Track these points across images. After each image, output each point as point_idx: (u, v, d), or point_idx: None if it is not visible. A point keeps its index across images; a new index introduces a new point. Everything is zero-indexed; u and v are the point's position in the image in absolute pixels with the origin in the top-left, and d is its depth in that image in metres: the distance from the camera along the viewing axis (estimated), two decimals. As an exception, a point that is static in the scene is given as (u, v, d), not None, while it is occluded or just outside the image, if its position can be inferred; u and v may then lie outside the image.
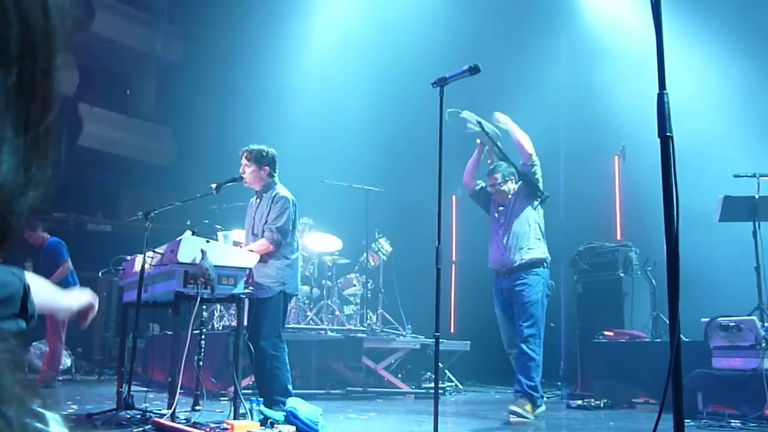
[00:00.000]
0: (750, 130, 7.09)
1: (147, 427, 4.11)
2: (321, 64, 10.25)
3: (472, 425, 5.17)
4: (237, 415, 4.31)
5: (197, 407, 5.16)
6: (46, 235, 7.27)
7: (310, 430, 4.15)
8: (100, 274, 5.50)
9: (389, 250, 8.14)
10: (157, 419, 4.14)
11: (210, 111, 12.29)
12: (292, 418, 4.18)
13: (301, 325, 7.45)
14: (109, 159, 12.32)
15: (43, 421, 0.44)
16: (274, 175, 4.96)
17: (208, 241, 4.37)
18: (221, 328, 7.47)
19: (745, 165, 5.88)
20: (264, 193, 4.93)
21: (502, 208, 5.58)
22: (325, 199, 8.12)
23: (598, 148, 8.22)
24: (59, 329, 7.08)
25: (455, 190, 8.47)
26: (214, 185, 4.88)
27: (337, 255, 8.12)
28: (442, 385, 7.48)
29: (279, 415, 4.29)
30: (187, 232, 4.44)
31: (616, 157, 8.00)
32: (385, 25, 9.74)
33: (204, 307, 5.38)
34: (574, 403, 6.34)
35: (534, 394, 5.23)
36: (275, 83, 10.37)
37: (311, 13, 10.57)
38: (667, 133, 2.25)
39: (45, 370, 7.07)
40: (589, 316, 7.06)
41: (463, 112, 5.36)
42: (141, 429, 4.07)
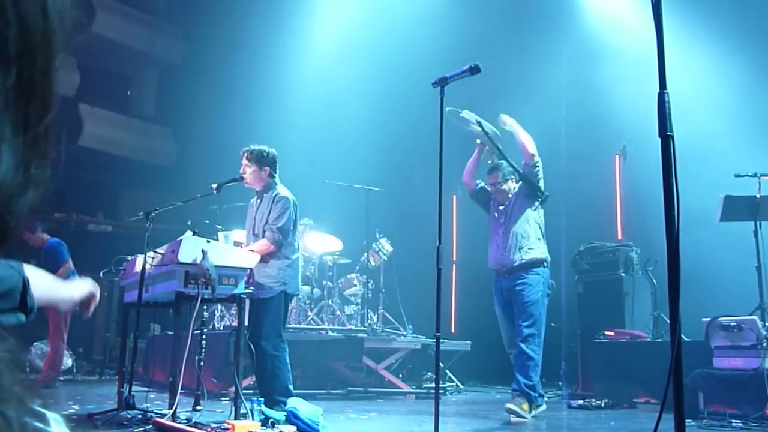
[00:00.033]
0: (751, 129, 7.10)
1: (148, 427, 4.11)
2: (321, 64, 10.25)
3: (473, 425, 5.17)
4: (238, 415, 4.32)
5: (198, 407, 5.15)
6: (46, 236, 7.26)
7: (311, 430, 4.16)
8: (101, 274, 5.49)
9: (390, 250, 8.13)
10: (158, 419, 4.15)
11: (210, 111, 12.29)
12: (293, 418, 4.19)
13: (302, 325, 7.44)
14: (109, 159, 12.33)
15: (44, 420, 0.44)
16: (275, 176, 4.96)
17: (208, 242, 4.37)
18: (222, 328, 7.48)
19: (746, 164, 5.87)
20: (265, 194, 4.93)
21: (503, 208, 5.58)
22: (325, 199, 8.11)
23: (599, 148, 8.22)
24: (62, 329, 7.08)
25: (456, 190, 8.47)
26: (214, 185, 4.89)
27: (337, 255, 8.11)
28: (442, 385, 7.48)
29: (280, 415, 4.29)
30: (188, 233, 4.44)
31: (617, 157, 7.99)
32: (385, 25, 9.74)
33: (205, 307, 5.38)
34: (575, 402, 6.34)
35: (531, 394, 5.22)
36: (275, 83, 10.38)
37: (311, 13, 10.57)
38: (668, 133, 2.25)
39: (46, 371, 7.07)
40: (590, 315, 7.05)
41: (463, 112, 5.35)
42: (142, 429, 4.08)
